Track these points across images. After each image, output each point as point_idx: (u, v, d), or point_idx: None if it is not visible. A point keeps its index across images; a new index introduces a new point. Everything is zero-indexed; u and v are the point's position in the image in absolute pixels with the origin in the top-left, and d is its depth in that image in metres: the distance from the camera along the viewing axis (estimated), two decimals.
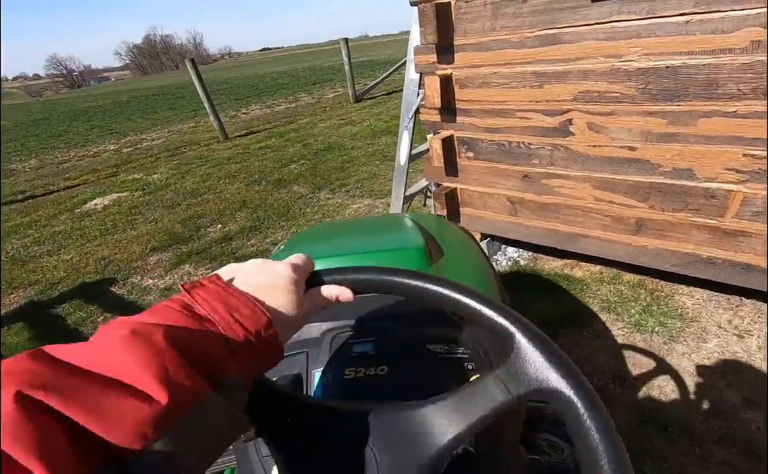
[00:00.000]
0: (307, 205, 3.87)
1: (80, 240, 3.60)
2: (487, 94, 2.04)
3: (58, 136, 10.68)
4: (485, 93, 2.04)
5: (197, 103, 14.03)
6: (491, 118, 2.11)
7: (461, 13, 1.92)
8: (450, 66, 2.07)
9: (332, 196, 4.06)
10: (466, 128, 2.22)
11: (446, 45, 2.01)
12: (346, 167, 4.80)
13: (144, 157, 6.67)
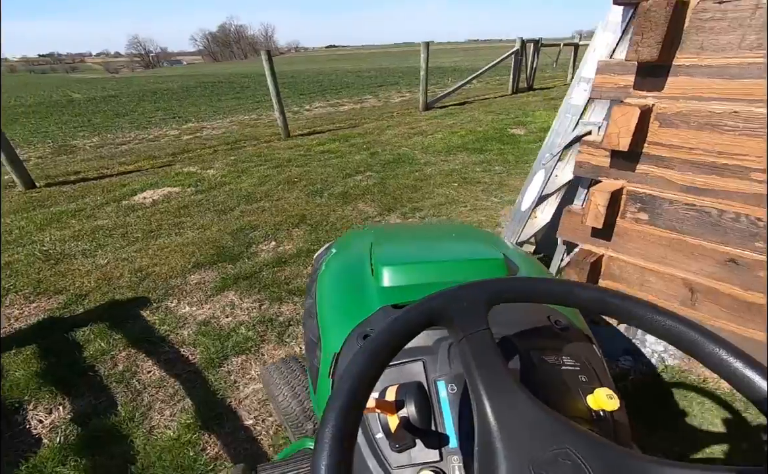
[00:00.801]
0: None
1: (120, 241, 3.18)
2: (708, 141, 1.32)
3: (124, 115, 10.80)
4: (705, 138, 1.32)
5: (261, 94, 13.96)
6: (701, 175, 1.38)
7: (704, 21, 1.21)
8: (654, 94, 1.36)
9: (404, 221, 3.43)
10: (651, 182, 1.50)
11: (658, 64, 1.30)
12: (419, 186, 4.15)
13: (202, 148, 6.35)
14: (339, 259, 1.08)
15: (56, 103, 14.61)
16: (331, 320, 0.87)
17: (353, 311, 0.81)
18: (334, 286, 0.97)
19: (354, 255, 1.04)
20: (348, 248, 1.13)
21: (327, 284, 0.99)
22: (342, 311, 0.87)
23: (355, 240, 1.17)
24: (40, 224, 3.55)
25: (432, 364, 0.61)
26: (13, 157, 4.55)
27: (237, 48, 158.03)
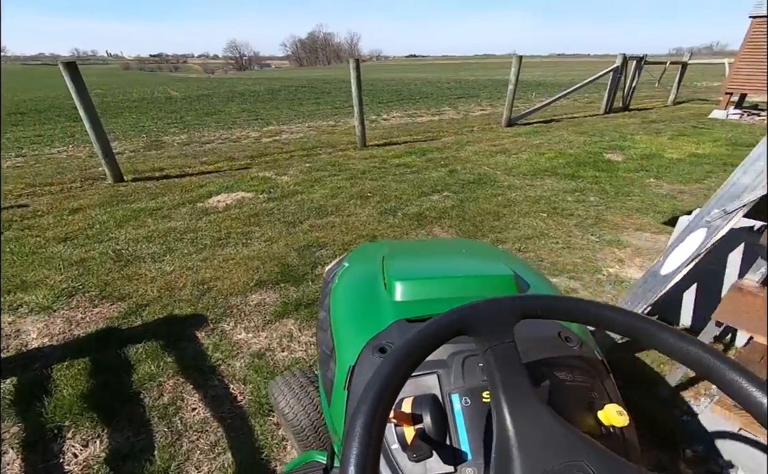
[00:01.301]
0: None
1: (189, 247, 3.10)
2: None
3: (213, 114, 11.39)
4: None
5: (340, 101, 14.14)
6: None
7: None
8: None
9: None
10: None
11: None
12: (502, 213, 3.70)
13: (279, 152, 6.37)
14: (352, 273, 1.09)
15: (156, 99, 15.91)
16: (345, 333, 0.87)
17: (367, 324, 0.82)
18: (348, 299, 0.97)
19: (367, 269, 1.05)
20: (360, 262, 1.14)
21: (340, 298, 0.99)
22: (356, 324, 0.87)
23: (368, 254, 1.18)
24: (120, 220, 3.60)
25: (446, 377, 0.62)
26: (107, 151, 4.78)
27: (322, 54, 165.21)
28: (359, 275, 1.06)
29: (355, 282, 1.04)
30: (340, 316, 0.94)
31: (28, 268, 2.78)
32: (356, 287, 1.02)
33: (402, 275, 0.91)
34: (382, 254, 1.11)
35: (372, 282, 0.98)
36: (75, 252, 3.02)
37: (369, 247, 1.30)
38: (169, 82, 29.81)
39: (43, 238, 3.27)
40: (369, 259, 1.13)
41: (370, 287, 0.96)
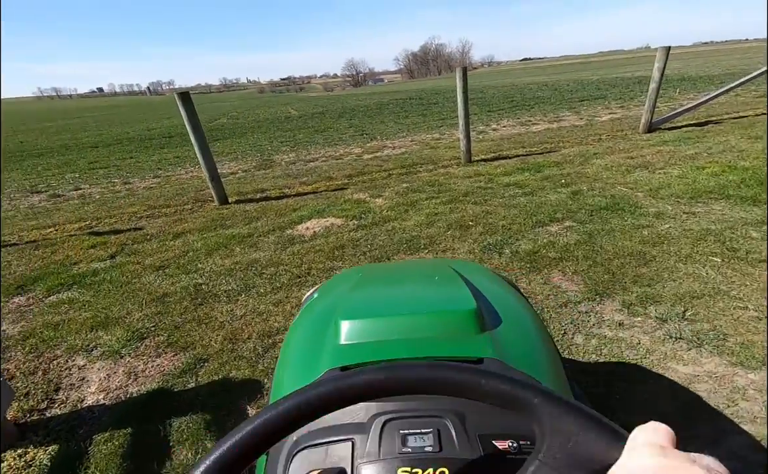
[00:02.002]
0: (579, 330, 2.12)
1: (267, 285, 2.84)
2: None
3: (322, 131, 11.73)
4: None
5: (447, 111, 13.61)
6: None
7: None
8: None
9: (628, 320, 2.18)
10: None
11: None
12: (652, 256, 2.77)
13: (378, 171, 6.06)
14: (314, 307, 0.98)
15: (277, 118, 17.18)
16: (283, 380, 0.77)
17: (302, 372, 0.74)
18: (297, 339, 0.88)
19: (328, 302, 0.95)
20: (328, 293, 1.02)
21: (292, 336, 0.90)
22: (294, 372, 0.77)
23: (340, 283, 1.07)
24: (211, 248, 3.55)
25: (361, 444, 0.54)
26: (213, 175, 4.94)
27: (433, 65, 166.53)
28: (319, 310, 0.95)
29: (311, 318, 0.93)
30: (285, 359, 0.85)
31: (116, 301, 2.77)
32: (311, 324, 0.91)
33: (348, 312, 0.81)
34: (350, 284, 1.01)
35: (326, 319, 0.85)
36: (162, 284, 2.98)
37: (345, 275, 1.17)
38: (291, 102, 32.44)
39: (141, 266, 3.33)
40: (338, 289, 1.02)
41: (323, 325, 0.84)
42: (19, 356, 2.27)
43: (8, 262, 3.70)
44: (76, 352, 2.27)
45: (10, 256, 3.86)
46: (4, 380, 1.65)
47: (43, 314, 2.70)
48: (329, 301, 0.96)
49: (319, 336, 0.82)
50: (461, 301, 0.81)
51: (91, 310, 2.69)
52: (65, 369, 2.14)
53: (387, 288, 1.05)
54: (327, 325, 0.84)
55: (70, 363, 2.19)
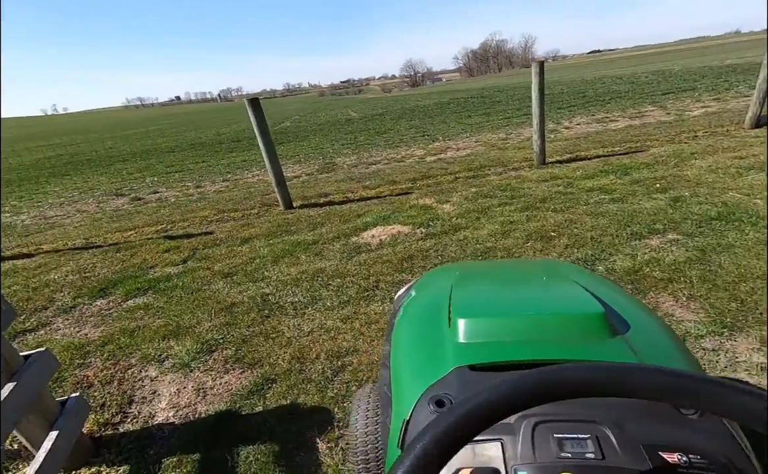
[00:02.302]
0: (709, 374, 1.74)
1: (333, 297, 2.71)
2: None
3: (382, 133, 11.64)
4: None
5: (512, 109, 12.98)
6: None
7: None
8: None
9: None
10: None
11: None
12: None
13: (443, 174, 5.80)
14: (417, 304, 1.01)
15: (338, 121, 17.41)
16: (402, 378, 0.79)
17: (426, 370, 0.74)
18: (409, 337, 0.89)
19: (433, 300, 0.97)
20: (428, 290, 1.05)
21: (402, 334, 0.92)
22: (414, 369, 0.79)
23: (438, 280, 1.10)
24: (277, 256, 3.50)
25: (512, 446, 0.53)
26: (279, 180, 4.96)
27: (493, 62, 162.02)
28: (424, 307, 0.97)
29: (418, 315, 0.95)
30: (400, 356, 0.85)
31: (187, 309, 2.78)
32: (419, 322, 0.92)
33: (467, 311, 0.82)
34: (451, 282, 1.01)
35: (436, 316, 0.88)
36: (230, 292, 2.95)
37: (441, 272, 1.20)
38: (351, 104, 32.90)
39: (211, 272, 3.35)
40: (438, 286, 1.03)
41: (434, 323, 0.86)
42: (98, 363, 2.31)
43: (93, 263, 3.91)
44: (149, 361, 2.27)
45: (95, 257, 4.08)
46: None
47: (121, 319, 2.76)
48: (434, 299, 0.96)
49: (432, 334, 0.83)
50: (586, 304, 0.79)
51: (164, 317, 2.71)
52: (138, 380, 2.14)
53: (498, 287, 1.04)
54: (439, 323, 0.84)
55: (143, 374, 2.18)
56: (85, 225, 5.62)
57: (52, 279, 3.61)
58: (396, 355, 0.87)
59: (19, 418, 1.40)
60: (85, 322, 2.81)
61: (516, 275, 1.14)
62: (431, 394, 0.67)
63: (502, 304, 0.89)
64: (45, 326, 2.81)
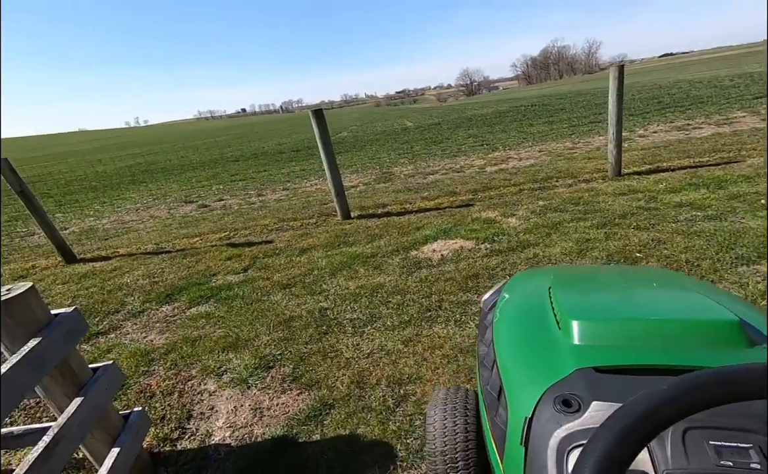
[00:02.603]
0: None
1: (393, 316, 2.57)
2: None
3: (439, 142, 11.44)
4: None
5: (577, 118, 12.28)
6: None
7: None
8: None
9: None
10: None
11: None
12: None
13: (505, 185, 5.51)
14: (515, 307, 1.02)
15: (393, 131, 17.44)
16: (516, 377, 0.80)
17: (542, 370, 0.75)
18: (516, 338, 0.90)
19: (532, 302, 0.99)
20: (523, 293, 1.07)
21: (506, 335, 0.93)
22: (529, 369, 0.79)
23: (530, 283, 1.12)
24: (335, 268, 3.43)
25: (661, 451, 0.51)
26: (338, 190, 4.93)
27: (554, 69, 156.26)
28: (524, 309, 0.98)
29: (520, 317, 0.96)
30: (508, 357, 0.85)
31: (247, 320, 2.76)
32: (523, 324, 0.93)
33: (580, 312, 0.82)
34: (547, 284, 1.03)
35: (541, 318, 0.89)
36: (289, 305, 2.91)
37: (530, 275, 1.21)
38: (407, 114, 33.00)
39: (270, 282, 3.34)
40: (532, 289, 1.05)
41: (540, 325, 0.87)
42: (161, 372, 2.32)
43: (162, 268, 4.07)
44: (209, 374, 2.24)
45: (164, 262, 4.25)
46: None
47: (184, 327, 2.80)
48: (532, 301, 0.98)
49: (541, 336, 0.84)
50: (718, 312, 0.76)
51: (224, 327, 2.71)
52: (197, 394, 2.11)
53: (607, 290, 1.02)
54: (546, 325, 0.85)
55: (202, 387, 2.15)
56: (157, 230, 5.94)
57: (125, 282, 3.79)
58: (503, 356, 0.87)
59: (84, 434, 1.38)
60: (151, 327, 2.88)
61: (623, 279, 1.11)
62: (555, 394, 0.67)
63: (617, 307, 0.87)
64: (116, 330, 2.92)
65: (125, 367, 2.38)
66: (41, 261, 4.96)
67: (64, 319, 1.44)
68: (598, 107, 13.80)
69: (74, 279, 4.10)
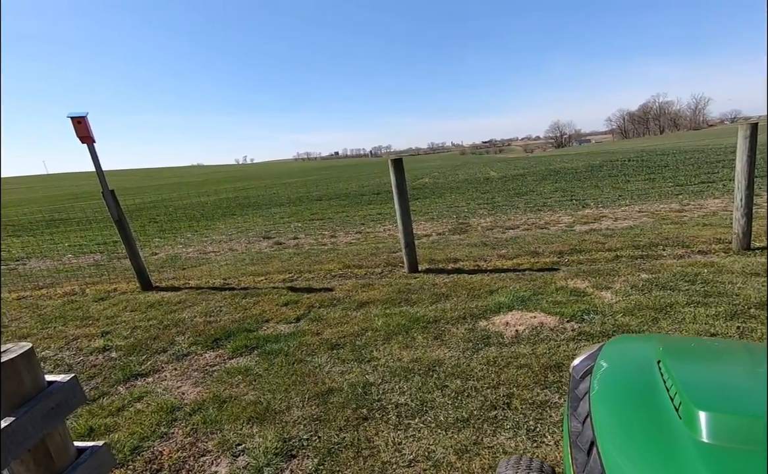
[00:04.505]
0: None
1: (448, 407, 2.09)
2: None
3: (523, 194, 10.74)
4: None
5: (684, 176, 10.86)
6: None
7: None
8: None
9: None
10: None
11: None
12: None
13: (598, 249, 4.78)
14: (616, 380, 0.91)
15: (476, 180, 16.98)
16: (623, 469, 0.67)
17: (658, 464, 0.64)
18: (620, 419, 0.78)
19: (638, 377, 0.87)
20: (623, 364, 0.96)
21: (609, 415, 0.80)
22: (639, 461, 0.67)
23: (633, 352, 1.01)
24: (391, 331, 3.05)
25: None
26: (408, 241, 4.60)
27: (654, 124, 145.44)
28: (628, 385, 0.86)
29: (624, 394, 0.84)
30: (614, 444, 0.73)
31: (283, 385, 2.46)
32: (630, 404, 0.80)
33: (709, 402, 0.69)
34: (655, 356, 0.91)
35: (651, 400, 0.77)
36: (332, 372, 2.57)
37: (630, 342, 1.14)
38: (491, 164, 32.38)
39: (319, 338, 3.05)
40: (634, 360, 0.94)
41: (652, 408, 0.75)
42: (179, 437, 2.08)
43: (220, 307, 4.00)
44: (225, 451, 1.95)
45: (224, 300, 4.21)
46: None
47: (219, 382, 2.58)
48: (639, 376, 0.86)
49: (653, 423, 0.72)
50: None
51: (258, 389, 2.43)
52: None
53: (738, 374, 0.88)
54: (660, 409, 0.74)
55: (214, 467, 1.86)
56: (230, 264, 6.07)
57: (183, 318, 3.76)
58: (606, 442, 0.74)
59: None
60: (189, 376, 2.71)
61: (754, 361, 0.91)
62: None
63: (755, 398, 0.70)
64: (156, 373, 2.80)
65: (147, 424, 2.19)
66: (123, 285, 5.24)
67: (56, 389, 1.22)
68: (709, 165, 12.15)
69: (142, 308, 4.19)
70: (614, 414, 0.80)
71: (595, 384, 0.91)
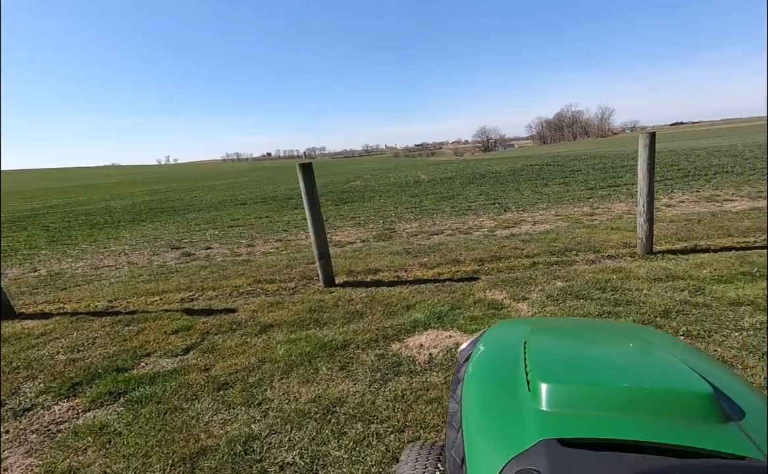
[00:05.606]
0: None
1: (345, 463, 1.77)
2: None
3: (449, 198, 10.83)
4: None
5: (594, 180, 11.63)
6: None
7: None
8: None
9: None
10: None
11: None
12: None
13: (517, 256, 4.76)
14: (487, 361, 0.94)
15: (406, 183, 16.99)
16: (478, 444, 0.72)
17: (506, 438, 0.69)
18: (482, 398, 0.82)
19: (506, 358, 0.91)
20: (498, 346, 1.00)
21: (473, 394, 0.84)
22: (492, 435, 0.72)
23: (507, 335, 1.04)
24: (292, 362, 2.66)
25: None
26: (322, 252, 4.25)
27: (568, 131, 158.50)
28: (496, 366, 0.91)
29: (490, 375, 0.88)
30: (473, 419, 0.77)
31: (143, 447, 1.98)
32: (492, 382, 0.85)
33: (551, 374, 0.74)
34: (524, 338, 0.95)
35: (512, 377, 0.81)
36: (211, 422, 2.13)
37: (510, 326, 1.15)
38: (422, 166, 32.92)
39: (206, 377, 2.59)
40: (509, 342, 0.97)
41: (510, 385, 0.79)
42: None
43: (94, 339, 3.36)
44: None
45: (103, 329, 3.55)
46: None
47: (60, 449, 2.03)
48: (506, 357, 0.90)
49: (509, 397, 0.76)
50: (693, 382, 0.70)
51: (108, 457, 1.93)
52: None
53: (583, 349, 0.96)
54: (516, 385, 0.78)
55: None
56: (122, 282, 5.29)
57: (39, 357, 3.08)
58: (468, 418, 0.78)
59: None
60: (24, 440, 2.12)
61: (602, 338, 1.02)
62: (516, 468, 0.61)
63: (591, 370, 0.80)
64: None
65: None
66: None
67: None
68: (615, 170, 13.17)
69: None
70: (478, 393, 0.82)
71: (470, 366, 0.94)
